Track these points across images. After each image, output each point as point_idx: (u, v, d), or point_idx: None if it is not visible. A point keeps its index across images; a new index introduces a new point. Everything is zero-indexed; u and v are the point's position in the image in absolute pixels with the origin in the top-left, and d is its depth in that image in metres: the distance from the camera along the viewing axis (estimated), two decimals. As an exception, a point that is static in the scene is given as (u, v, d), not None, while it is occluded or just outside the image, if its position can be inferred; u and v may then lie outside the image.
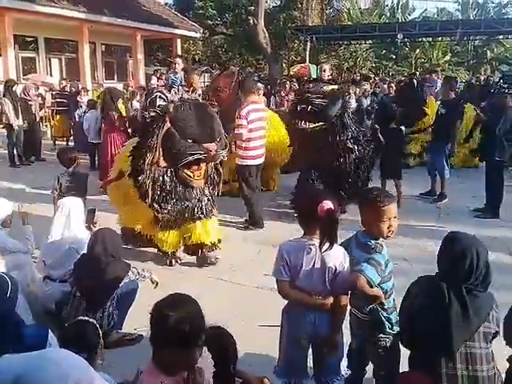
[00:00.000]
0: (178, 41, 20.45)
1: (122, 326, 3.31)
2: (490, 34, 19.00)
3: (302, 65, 20.57)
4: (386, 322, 2.44)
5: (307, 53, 20.74)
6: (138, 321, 3.44)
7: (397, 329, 2.45)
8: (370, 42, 22.34)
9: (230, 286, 4.23)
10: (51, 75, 15.58)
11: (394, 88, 10.49)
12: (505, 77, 12.78)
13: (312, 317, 2.36)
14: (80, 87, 11.96)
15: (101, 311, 3.08)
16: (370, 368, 2.65)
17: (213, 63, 22.99)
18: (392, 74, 19.22)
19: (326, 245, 2.27)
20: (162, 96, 6.07)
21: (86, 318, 2.55)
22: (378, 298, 2.37)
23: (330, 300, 2.33)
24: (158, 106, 5.91)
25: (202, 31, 21.66)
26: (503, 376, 2.22)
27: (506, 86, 8.54)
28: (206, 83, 14.28)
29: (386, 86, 11.66)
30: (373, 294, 2.34)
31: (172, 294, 1.77)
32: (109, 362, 2.70)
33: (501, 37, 21.42)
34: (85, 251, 3.31)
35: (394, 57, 24.48)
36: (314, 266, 2.32)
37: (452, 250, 2.15)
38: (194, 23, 21.26)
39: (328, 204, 2.26)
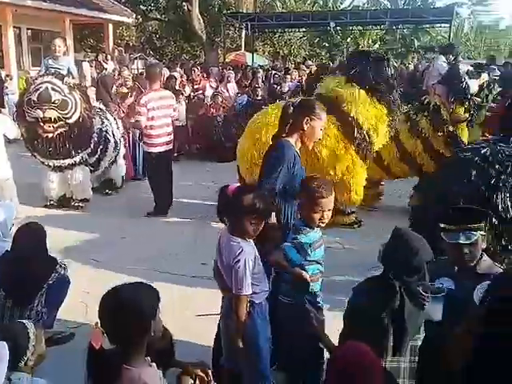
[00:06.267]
0: (110, 26, 19.75)
1: (52, 325, 3.25)
2: (417, 23, 19.79)
3: (238, 52, 20.57)
4: (311, 307, 2.50)
5: (243, 40, 20.73)
6: (69, 318, 3.41)
7: (323, 316, 2.56)
8: (304, 29, 22.63)
9: (165, 276, 4.23)
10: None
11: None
12: None
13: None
14: (4, 74, 11.33)
15: (28, 309, 3.01)
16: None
17: (147, 49, 22.48)
18: (325, 62, 19.62)
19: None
20: (56, 88, 5.79)
21: (22, 321, 2.45)
22: (299, 279, 2.45)
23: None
24: (54, 102, 5.63)
25: (134, 16, 21.04)
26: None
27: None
28: (140, 70, 13.94)
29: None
30: (292, 272, 2.45)
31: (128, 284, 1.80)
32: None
33: (427, 26, 22.40)
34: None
35: (327, 45, 25.04)
36: (220, 259, 2.43)
37: (404, 249, 2.14)
38: (126, 8, 20.60)
39: (234, 186, 2.39)
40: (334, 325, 2.48)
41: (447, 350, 1.85)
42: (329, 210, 2.51)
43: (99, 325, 1.69)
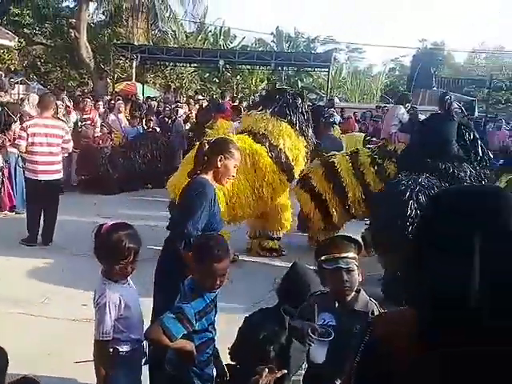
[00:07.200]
0: (-12, 48, 18.51)
1: None
2: (300, 66, 21.20)
3: (129, 82, 20.33)
4: (196, 380, 2.26)
5: (134, 71, 20.56)
6: None
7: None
8: (195, 65, 23.12)
9: (41, 322, 4.00)
10: None
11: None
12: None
13: None
14: None
15: None
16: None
17: (30, 74, 21.29)
18: (216, 97, 20.20)
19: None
20: None
21: None
22: (183, 352, 2.20)
23: None
24: None
25: (17, 40, 19.95)
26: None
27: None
28: (21, 95, 13.23)
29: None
30: (173, 348, 2.18)
31: None
32: None
33: (309, 69, 24.13)
34: None
35: (217, 81, 25.83)
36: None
37: (296, 284, 2.23)
38: (8, 31, 19.45)
39: (109, 224, 2.31)
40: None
41: None
42: (223, 275, 2.25)
43: None
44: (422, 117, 8.22)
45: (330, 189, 6.01)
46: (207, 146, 3.02)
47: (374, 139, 8.66)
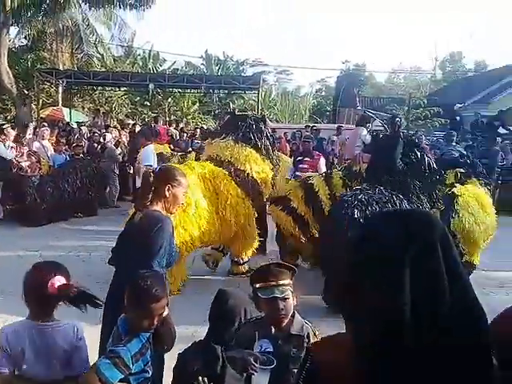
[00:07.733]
0: None
1: None
2: (230, 88, 21.56)
3: (55, 108, 19.74)
4: None
5: (60, 96, 19.99)
6: None
7: None
8: (125, 88, 22.86)
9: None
10: None
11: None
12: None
13: None
14: None
15: None
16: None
17: None
18: (148, 121, 20.07)
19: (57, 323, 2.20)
20: None
21: None
22: None
23: None
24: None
25: None
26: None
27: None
28: None
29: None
30: None
31: None
32: None
33: (239, 91, 24.59)
34: None
35: (148, 104, 25.67)
36: (39, 349, 2.15)
37: (222, 309, 2.26)
38: None
39: (60, 280, 2.15)
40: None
41: None
42: (161, 314, 2.20)
43: None
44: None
45: (310, 211, 5.94)
46: (153, 177, 2.93)
47: (307, 159, 8.80)
